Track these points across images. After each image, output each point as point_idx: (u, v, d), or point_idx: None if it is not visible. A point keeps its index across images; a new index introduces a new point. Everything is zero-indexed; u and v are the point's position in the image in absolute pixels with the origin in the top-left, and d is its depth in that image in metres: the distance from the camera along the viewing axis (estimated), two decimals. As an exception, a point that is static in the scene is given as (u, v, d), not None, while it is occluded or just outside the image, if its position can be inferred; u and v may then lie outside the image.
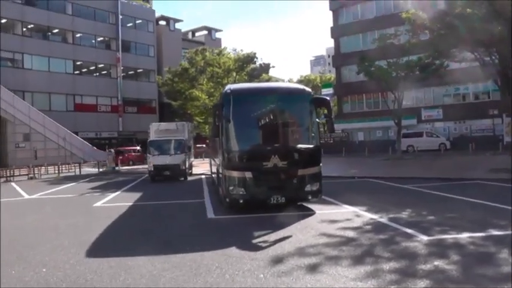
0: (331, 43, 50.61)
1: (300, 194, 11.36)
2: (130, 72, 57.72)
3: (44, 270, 6.88)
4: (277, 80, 61.39)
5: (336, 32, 48.44)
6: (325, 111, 11.96)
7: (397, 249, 7.33)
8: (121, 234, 9.81)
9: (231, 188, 11.29)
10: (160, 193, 17.79)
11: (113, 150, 34.60)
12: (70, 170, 32.22)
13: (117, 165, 33.50)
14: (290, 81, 61.67)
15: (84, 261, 7.33)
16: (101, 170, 33.08)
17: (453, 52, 22.13)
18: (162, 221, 11.30)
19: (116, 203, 14.91)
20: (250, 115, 11.61)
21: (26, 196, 18.33)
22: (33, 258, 7.61)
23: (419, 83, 30.91)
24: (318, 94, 55.74)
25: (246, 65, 37.92)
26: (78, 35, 51.57)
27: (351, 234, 8.62)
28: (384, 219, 9.95)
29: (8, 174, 26.97)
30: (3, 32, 44.07)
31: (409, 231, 8.58)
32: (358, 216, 10.68)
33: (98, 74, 54.50)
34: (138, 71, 58.96)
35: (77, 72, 51.56)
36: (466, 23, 17.42)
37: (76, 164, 33.04)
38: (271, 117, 11.63)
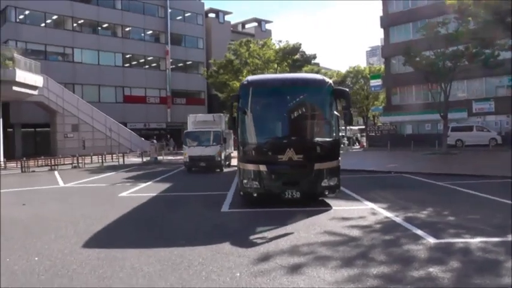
0: (385, 33, 48.86)
1: (316, 189, 10.95)
2: (179, 65, 58.61)
3: (36, 259, 7.00)
4: (321, 71, 60.46)
5: (386, 22, 46.68)
6: (344, 103, 11.42)
7: (396, 252, 6.83)
8: (127, 225, 9.86)
9: (245, 181, 11.10)
10: (189, 184, 17.89)
11: (155, 140, 35.22)
12: (114, 160, 33.15)
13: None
14: (338, 72, 60.38)
15: (77, 252, 7.39)
16: (144, 160, 33.87)
17: (499, 40, 20.53)
18: (173, 213, 11.27)
19: (142, 193, 15.09)
20: (267, 107, 11.39)
21: (61, 184, 19.03)
22: (33, 247, 7.77)
23: (469, 74, 29.13)
24: (366, 85, 54.82)
25: (289, 56, 37.33)
26: (127, 29, 52.96)
27: (356, 233, 8.17)
28: (398, 218, 9.39)
29: (53, 163, 28.14)
30: (54, 28, 46.08)
31: (419, 232, 8.02)
32: (373, 214, 10.16)
33: (147, 66, 55.75)
34: (187, 63, 59.71)
35: (127, 65, 52.97)
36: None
37: (120, 154, 34.00)
38: (289, 109, 11.34)
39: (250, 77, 12.77)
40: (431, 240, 7.46)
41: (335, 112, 11.22)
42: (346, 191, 13.85)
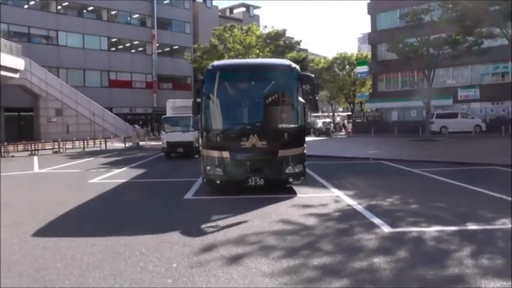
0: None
1: (280, 176, 10.70)
2: (166, 49, 57.87)
3: (-21, 247, 6.72)
4: (308, 57, 60.02)
5: (372, 8, 46.23)
6: (309, 88, 11.13)
7: (346, 242, 6.62)
8: (84, 213, 9.55)
9: (208, 167, 10.84)
10: (163, 170, 17.64)
11: (137, 126, 34.81)
12: (95, 145, 32.73)
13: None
14: (325, 58, 59.94)
15: (26, 240, 7.12)
16: (127, 145, 33.51)
17: (480, 28, 20.26)
18: (135, 201, 11.03)
19: (113, 179, 14.81)
20: (231, 92, 11.10)
21: (36, 170, 18.68)
22: (-18, 235, 7.47)
23: (453, 62, 28.95)
24: (353, 72, 54.48)
25: (272, 42, 36.84)
26: (113, 12, 52.05)
27: (311, 222, 7.96)
28: (360, 206, 9.19)
29: (33, 148, 27.69)
30: (38, 10, 45.09)
31: (376, 221, 7.83)
32: (337, 201, 9.95)
33: (133, 50, 54.97)
34: (174, 47, 58.92)
35: (113, 49, 52.19)
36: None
37: (104, 139, 33.58)
38: (254, 95, 11.12)
39: (216, 62, 12.43)
40: (386, 229, 7.27)
41: (300, 98, 10.92)
42: (317, 178, 13.76)
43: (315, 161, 19.09)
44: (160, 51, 56.26)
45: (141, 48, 55.80)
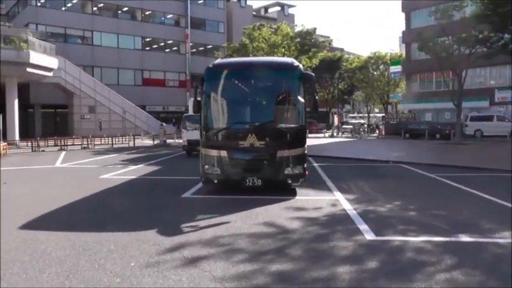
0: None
1: (278, 177, 10.44)
2: (200, 49, 58.34)
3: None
4: (343, 56, 59.02)
5: (407, 6, 44.89)
6: (310, 88, 10.80)
7: (318, 248, 6.34)
8: (77, 208, 9.66)
9: (206, 167, 10.74)
10: (176, 168, 17.67)
11: (164, 123, 35.23)
12: (124, 142, 33.36)
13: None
14: (359, 58, 58.76)
15: (10, 233, 7.28)
16: (155, 142, 34.00)
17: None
18: (132, 197, 11.08)
19: (124, 175, 15.00)
20: (231, 91, 10.94)
21: (57, 165, 19.21)
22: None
23: (489, 61, 27.56)
24: (387, 71, 53.11)
25: (301, 41, 36.39)
26: (147, 13, 52.97)
27: (295, 225, 7.69)
28: (354, 212, 8.81)
29: (63, 143, 28.56)
30: (74, 11, 46.47)
31: (362, 227, 7.47)
32: (333, 205, 9.62)
33: (167, 50, 55.74)
34: (208, 47, 59.35)
35: (147, 48, 53.09)
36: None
37: (133, 136, 34.17)
38: (253, 93, 10.98)
39: (217, 61, 12.32)
40: (369, 237, 6.91)
41: (301, 98, 10.63)
42: (326, 180, 13.45)
43: (333, 162, 18.80)
44: (194, 50, 56.75)
45: (174, 48, 56.49)
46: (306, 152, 10.88)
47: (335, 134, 46.23)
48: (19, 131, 32.83)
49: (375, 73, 55.81)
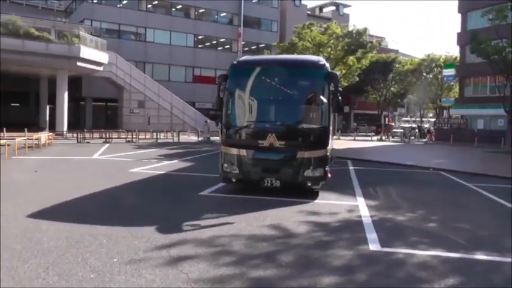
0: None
1: (297, 179, 10.09)
2: (252, 47, 58.34)
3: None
4: (397, 58, 57.05)
5: (463, 6, 42.56)
6: (334, 87, 10.34)
7: (312, 256, 5.98)
8: (91, 200, 9.76)
9: (225, 165, 10.56)
10: (208, 166, 17.55)
11: (208, 120, 35.41)
12: (168, 138, 33.92)
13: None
14: (412, 60, 56.59)
15: (16, 219, 7.52)
16: (199, 139, 34.39)
17: None
18: (151, 192, 11.09)
19: (154, 170, 15.16)
20: (254, 89, 10.66)
21: (95, 156, 19.74)
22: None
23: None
24: (440, 75, 50.72)
25: (351, 41, 35.42)
26: (200, 11, 53.66)
27: (301, 230, 7.36)
28: (370, 219, 8.33)
29: (108, 136, 29.48)
30: (129, 8, 47.91)
31: (371, 237, 7.02)
32: (350, 211, 9.17)
33: (219, 48, 56.21)
34: (260, 45, 59.23)
35: (199, 46, 53.76)
36: None
37: (180, 132, 34.58)
38: (276, 92, 10.69)
39: (242, 58, 12.10)
40: (373, 247, 6.45)
41: (325, 98, 10.20)
42: (355, 184, 13.01)
43: (370, 166, 18.16)
44: (246, 49, 56.83)
45: (227, 46, 56.82)
46: (328, 154, 10.46)
47: (384, 137, 44.88)
48: (69, 122, 34.23)
49: (428, 76, 53.55)
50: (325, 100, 10.17)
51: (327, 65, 10.63)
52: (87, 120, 43.25)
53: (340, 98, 10.51)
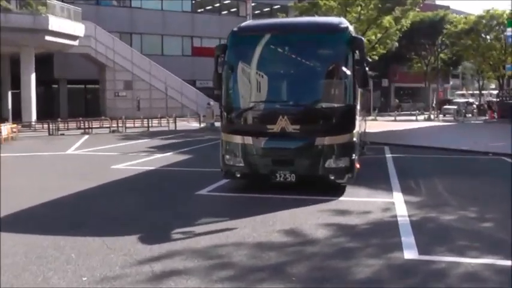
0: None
1: (316, 172, 10.02)
2: (265, 10, 57.80)
3: None
4: (447, 16, 56.12)
5: None
6: (359, 56, 10.20)
7: (331, 267, 5.96)
8: (65, 204, 9.92)
9: (227, 156, 10.55)
10: (209, 158, 17.40)
11: (212, 102, 35.32)
12: (163, 125, 33.99)
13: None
14: (467, 18, 55.55)
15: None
16: (201, 125, 34.45)
17: None
18: (141, 193, 11.19)
19: (143, 166, 15.34)
20: (260, 62, 10.57)
21: (69, 151, 20.07)
22: None
23: None
24: (503, 35, 49.62)
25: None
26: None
27: (319, 235, 7.34)
28: (408, 219, 8.26)
29: (87, 126, 29.65)
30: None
31: (407, 241, 6.94)
32: (385, 210, 9.15)
33: (224, 12, 55.94)
34: (274, 7, 58.65)
35: (198, 10, 53.56)
36: None
37: (178, 118, 34.76)
38: (288, 64, 10.67)
39: (244, 23, 12.03)
40: (408, 255, 6.37)
41: (349, 69, 10.05)
42: (391, 176, 13.07)
43: (413, 153, 18.24)
44: (257, 11, 56.22)
45: (232, 9, 56.53)
46: (355, 139, 10.36)
47: (432, 116, 44.44)
48: (38, 111, 34.26)
49: (488, 37, 52.53)
50: (349, 72, 10.05)
51: (351, 28, 10.51)
52: (62, 107, 43.52)
53: (367, 69, 10.32)
